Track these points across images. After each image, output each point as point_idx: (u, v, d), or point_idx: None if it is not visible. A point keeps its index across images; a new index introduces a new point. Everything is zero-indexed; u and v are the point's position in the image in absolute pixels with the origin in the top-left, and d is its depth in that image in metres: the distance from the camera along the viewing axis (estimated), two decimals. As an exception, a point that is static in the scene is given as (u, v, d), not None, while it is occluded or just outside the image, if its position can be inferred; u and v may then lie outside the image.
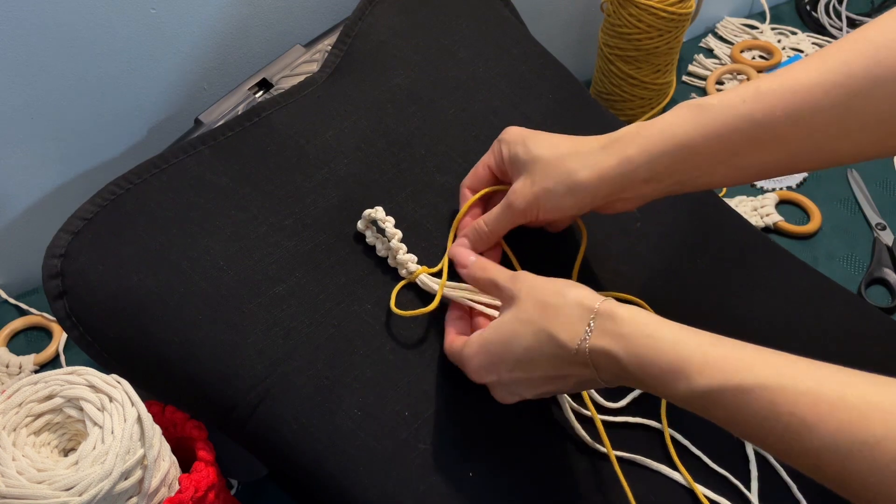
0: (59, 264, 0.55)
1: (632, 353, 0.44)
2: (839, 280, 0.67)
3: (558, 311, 0.47)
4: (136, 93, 0.73)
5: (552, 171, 0.53)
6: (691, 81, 0.99)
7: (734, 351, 0.42)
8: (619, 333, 0.45)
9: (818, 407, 0.37)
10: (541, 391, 0.50)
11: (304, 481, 0.53)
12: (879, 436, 0.35)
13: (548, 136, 0.55)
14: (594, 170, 0.51)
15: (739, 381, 0.40)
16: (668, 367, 0.42)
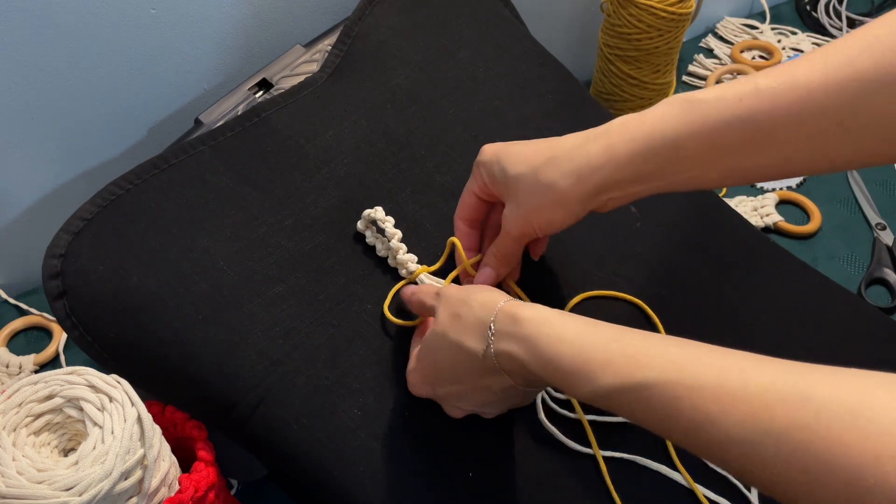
0: (59, 264, 0.55)
1: (534, 354, 0.43)
2: (839, 280, 0.67)
3: (465, 319, 0.46)
4: (136, 93, 0.73)
5: (533, 189, 0.50)
6: (691, 81, 0.99)
7: (636, 346, 0.40)
8: (520, 336, 0.44)
9: (721, 400, 0.36)
10: (481, 402, 0.49)
11: (304, 481, 0.54)
12: (782, 427, 0.34)
13: (519, 149, 0.52)
14: (573, 176, 0.48)
15: (641, 379, 0.39)
16: (571, 367, 0.41)
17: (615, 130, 0.47)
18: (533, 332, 0.43)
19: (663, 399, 0.38)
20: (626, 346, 0.41)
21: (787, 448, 0.34)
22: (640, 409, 0.39)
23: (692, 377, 0.37)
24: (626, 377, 0.39)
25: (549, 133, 0.69)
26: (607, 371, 0.40)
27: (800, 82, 0.43)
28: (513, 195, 0.51)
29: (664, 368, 0.38)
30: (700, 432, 0.37)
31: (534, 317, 0.44)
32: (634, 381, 0.39)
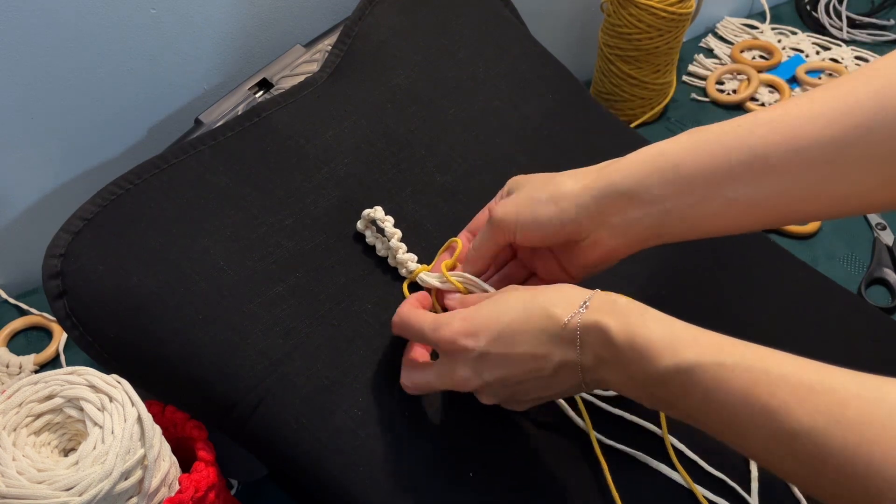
0: (59, 264, 0.55)
1: (623, 325, 0.43)
2: (839, 280, 0.67)
3: (554, 290, 0.47)
4: (136, 93, 0.73)
5: (538, 184, 0.51)
6: (691, 81, 0.99)
7: (720, 338, 0.42)
8: (614, 309, 0.44)
9: (797, 390, 0.37)
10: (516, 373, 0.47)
11: (304, 481, 0.54)
12: (854, 420, 0.35)
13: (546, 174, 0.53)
14: (579, 181, 0.49)
15: (723, 360, 0.40)
16: (658, 340, 0.42)
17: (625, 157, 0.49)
18: (628, 308, 0.44)
19: (740, 382, 0.39)
20: (709, 334, 0.42)
21: (855, 440, 0.35)
22: (714, 390, 0.40)
23: (772, 365, 0.39)
24: (709, 356, 0.40)
25: (549, 133, 0.69)
26: (691, 348, 0.41)
27: (798, 114, 0.44)
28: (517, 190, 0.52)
29: (744, 354, 0.40)
30: (770, 421, 0.37)
31: (629, 301, 0.45)
32: (717, 360, 0.40)
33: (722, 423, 0.40)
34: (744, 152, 0.45)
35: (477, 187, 0.64)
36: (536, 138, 0.68)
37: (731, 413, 0.39)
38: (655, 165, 0.47)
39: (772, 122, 0.44)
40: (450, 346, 0.48)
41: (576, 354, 0.45)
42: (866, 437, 0.35)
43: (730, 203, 0.46)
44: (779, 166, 0.44)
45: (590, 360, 0.45)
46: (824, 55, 1.02)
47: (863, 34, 1.04)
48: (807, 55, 1.02)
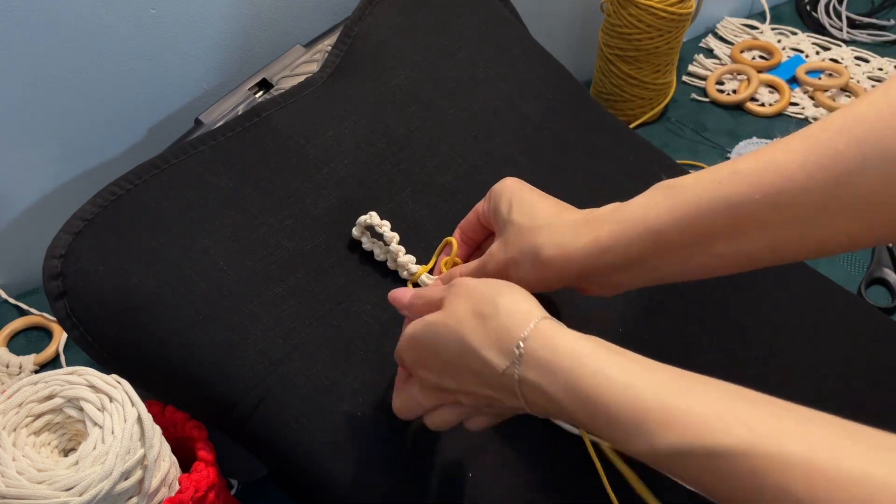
0: (59, 265, 0.55)
1: (574, 394, 0.39)
2: (839, 280, 0.67)
3: (488, 323, 0.42)
4: (136, 93, 0.73)
5: (521, 242, 0.49)
6: (691, 81, 0.99)
7: (702, 400, 0.37)
8: (556, 368, 0.40)
9: (811, 480, 0.32)
10: (472, 407, 0.45)
11: (304, 481, 0.54)
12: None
13: (533, 199, 0.51)
14: (561, 249, 0.47)
15: (712, 444, 0.35)
16: (624, 419, 0.37)
17: (605, 213, 0.47)
18: (573, 367, 0.39)
19: (740, 470, 0.34)
20: (690, 400, 0.36)
21: None
22: (707, 477, 0.35)
23: (775, 447, 0.34)
24: (694, 439, 0.35)
25: (549, 133, 0.69)
26: (670, 430, 0.36)
27: (778, 164, 0.41)
28: (505, 237, 0.51)
29: (740, 435, 0.34)
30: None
31: (575, 349, 0.40)
32: (703, 445, 0.35)
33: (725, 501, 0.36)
34: (728, 211, 0.43)
35: (477, 187, 0.64)
36: (536, 138, 0.68)
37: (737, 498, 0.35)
38: (637, 233, 0.45)
39: (751, 177, 0.42)
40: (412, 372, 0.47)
41: (521, 402, 0.42)
42: None
43: (717, 257, 0.45)
44: (762, 222, 0.42)
45: (540, 411, 0.42)
46: (824, 55, 1.02)
47: (863, 34, 1.04)
48: (807, 55, 1.02)
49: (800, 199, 0.41)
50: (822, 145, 0.40)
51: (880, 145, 0.39)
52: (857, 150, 0.39)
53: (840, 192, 0.40)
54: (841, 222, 0.41)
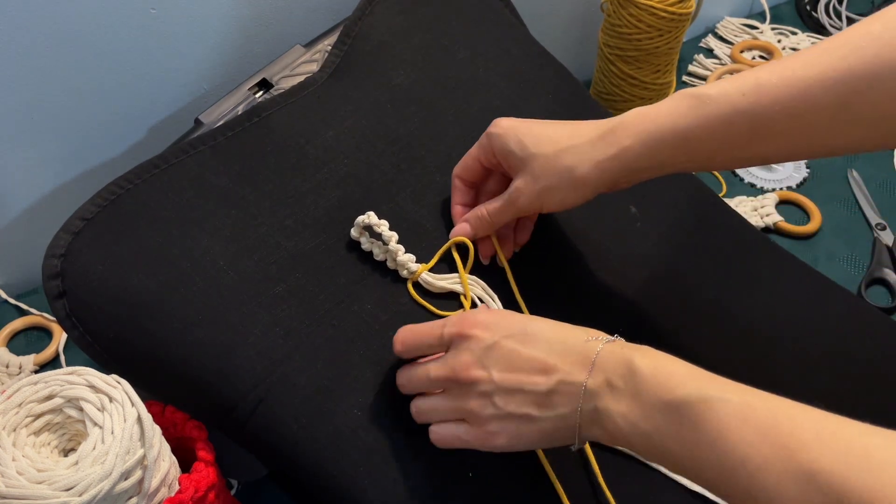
0: (59, 264, 0.55)
1: (649, 357, 0.43)
2: (839, 280, 0.67)
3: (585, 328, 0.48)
4: (136, 93, 0.73)
5: (552, 169, 0.53)
6: (691, 81, 0.99)
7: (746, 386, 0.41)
8: (639, 347, 0.45)
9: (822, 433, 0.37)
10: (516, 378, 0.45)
11: (303, 481, 0.53)
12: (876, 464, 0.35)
13: (541, 129, 0.55)
14: (593, 164, 0.52)
15: (748, 399, 0.40)
16: (683, 373, 0.42)
17: (630, 123, 0.51)
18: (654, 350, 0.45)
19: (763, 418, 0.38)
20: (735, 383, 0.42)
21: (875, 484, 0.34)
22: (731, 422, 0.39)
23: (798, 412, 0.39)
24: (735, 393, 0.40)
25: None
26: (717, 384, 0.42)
27: (798, 77, 0.46)
28: (529, 170, 0.54)
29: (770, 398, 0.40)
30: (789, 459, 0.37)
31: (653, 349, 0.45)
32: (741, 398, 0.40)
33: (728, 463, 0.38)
34: (750, 121, 0.47)
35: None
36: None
37: (744, 451, 0.38)
38: (664, 140, 0.50)
39: (773, 90, 0.47)
40: (466, 333, 0.48)
41: (584, 376, 0.44)
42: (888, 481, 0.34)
43: (737, 159, 0.50)
44: (782, 129, 0.47)
45: (597, 383, 0.44)
46: (824, 55, 1.02)
47: (863, 34, 1.04)
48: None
49: (815, 111, 0.46)
50: (837, 61, 0.45)
51: (891, 63, 0.44)
52: (870, 67, 0.44)
53: (852, 105, 0.45)
54: (850, 131, 0.46)
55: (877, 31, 0.45)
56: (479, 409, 0.47)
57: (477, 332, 0.48)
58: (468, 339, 0.48)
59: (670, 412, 0.41)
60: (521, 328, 0.47)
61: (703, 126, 0.48)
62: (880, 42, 0.44)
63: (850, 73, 0.45)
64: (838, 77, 0.45)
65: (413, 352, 0.52)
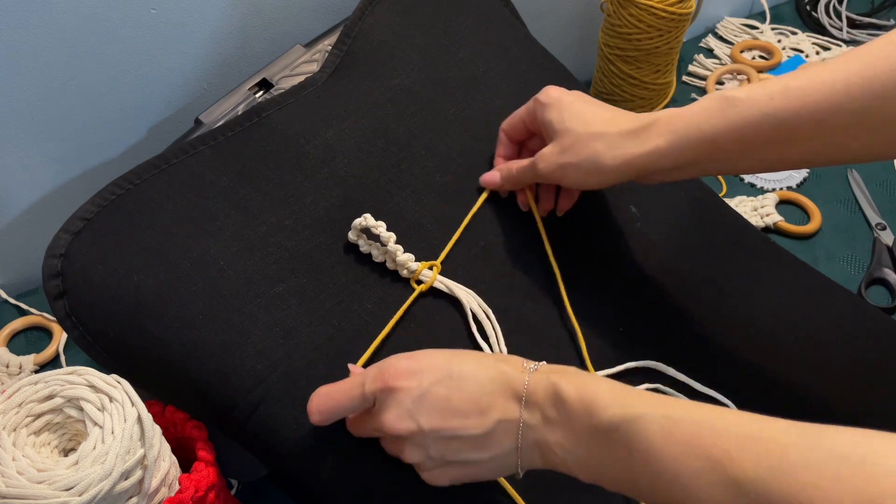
0: (59, 264, 0.55)
1: (573, 382, 0.43)
2: (839, 280, 0.67)
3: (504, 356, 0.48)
4: (137, 93, 0.73)
5: (580, 148, 0.55)
6: (691, 81, 0.99)
7: (667, 397, 0.42)
8: (564, 370, 0.45)
9: (740, 439, 0.37)
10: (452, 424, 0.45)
11: (304, 481, 0.53)
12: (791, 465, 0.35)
13: (583, 107, 0.57)
14: (620, 157, 0.53)
15: (670, 413, 0.40)
16: (607, 394, 0.42)
17: (663, 122, 0.52)
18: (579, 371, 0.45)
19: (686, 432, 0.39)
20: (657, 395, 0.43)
21: (795, 486, 0.35)
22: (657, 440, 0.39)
23: (717, 418, 0.39)
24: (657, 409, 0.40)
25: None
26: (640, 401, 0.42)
27: (825, 83, 0.47)
28: (559, 141, 0.56)
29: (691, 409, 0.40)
30: (714, 471, 0.37)
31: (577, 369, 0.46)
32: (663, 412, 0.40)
33: (664, 479, 0.39)
34: (777, 125, 0.48)
35: (477, 187, 0.64)
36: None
37: (674, 466, 0.38)
38: (692, 141, 0.51)
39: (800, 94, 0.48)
40: (391, 385, 0.46)
41: (519, 411, 0.44)
42: (805, 481, 0.34)
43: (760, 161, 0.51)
44: (806, 133, 0.48)
45: (534, 418, 0.44)
46: (824, 55, 1.02)
47: (863, 34, 1.04)
48: (807, 55, 1.02)
49: (840, 116, 0.47)
50: (862, 68, 0.47)
51: None
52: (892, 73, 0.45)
53: (875, 110, 0.46)
54: (873, 137, 0.47)
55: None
56: (415, 460, 0.47)
57: (402, 384, 0.46)
58: (394, 391, 0.46)
59: (600, 437, 0.41)
60: (446, 371, 0.45)
61: (730, 128, 0.50)
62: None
63: (875, 80, 0.46)
64: (863, 83, 0.46)
65: (334, 418, 0.49)
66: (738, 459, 0.36)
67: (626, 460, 0.40)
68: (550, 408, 0.43)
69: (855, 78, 0.47)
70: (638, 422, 0.40)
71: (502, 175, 0.62)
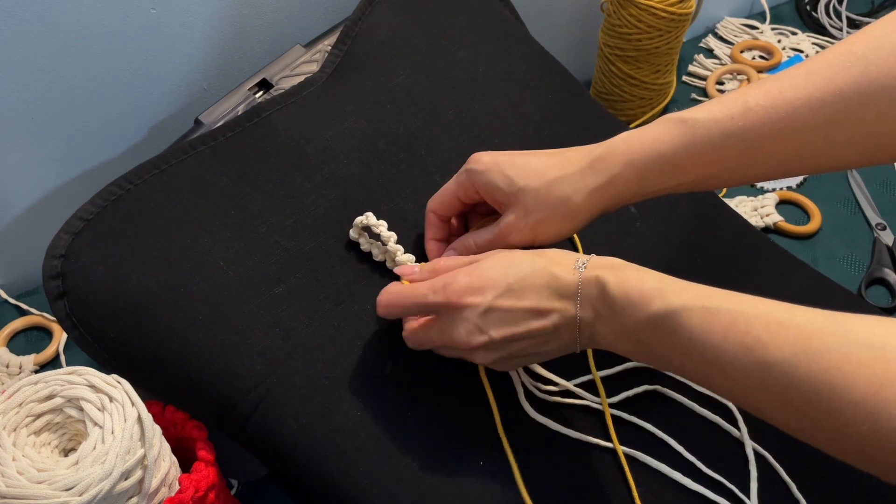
0: (59, 265, 0.55)
1: (619, 277, 0.46)
2: (839, 280, 0.67)
3: (554, 252, 0.50)
4: (136, 93, 0.73)
5: (545, 202, 0.52)
6: (691, 81, 0.99)
7: (708, 287, 0.45)
8: (611, 265, 0.48)
9: (770, 326, 0.40)
10: (520, 329, 0.48)
11: (303, 481, 0.54)
12: (817, 348, 0.38)
13: (525, 160, 0.54)
14: (587, 193, 0.52)
15: (707, 304, 0.43)
16: (650, 289, 0.45)
17: (618, 150, 0.51)
18: (622, 265, 0.48)
19: (722, 322, 0.42)
20: (698, 285, 0.45)
21: (818, 367, 0.38)
22: (698, 332, 0.42)
23: (750, 307, 0.42)
24: (695, 301, 0.43)
25: (549, 133, 0.69)
26: (680, 294, 0.44)
27: (787, 100, 0.46)
28: (520, 206, 0.53)
29: (727, 299, 0.43)
30: (746, 356, 0.40)
31: (624, 262, 0.48)
32: (701, 304, 0.43)
33: (705, 363, 0.42)
34: (740, 144, 0.48)
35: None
36: (536, 138, 0.68)
37: (713, 352, 0.42)
38: (654, 166, 0.50)
39: (762, 114, 0.47)
40: (456, 303, 0.49)
41: (575, 309, 0.47)
42: (828, 364, 0.37)
43: (726, 180, 0.51)
44: (771, 150, 0.48)
45: (588, 314, 0.47)
46: (824, 55, 1.02)
47: (863, 34, 1.04)
48: (807, 55, 1.02)
49: (804, 132, 0.46)
50: (824, 82, 0.46)
51: (877, 84, 0.45)
52: (855, 88, 0.45)
53: (840, 125, 0.46)
54: (839, 150, 0.47)
55: (861, 51, 0.46)
56: (487, 361, 0.51)
57: (469, 300, 0.49)
58: (460, 308, 0.49)
59: (646, 329, 0.45)
60: (505, 285, 0.48)
61: (691, 151, 0.49)
62: (865, 62, 0.45)
63: (837, 94, 0.45)
64: (826, 98, 0.45)
65: (397, 315, 0.54)
66: (769, 344, 0.39)
67: (671, 349, 0.44)
68: (601, 303, 0.47)
69: (817, 93, 0.46)
70: (679, 314, 0.43)
71: (460, 254, 0.57)
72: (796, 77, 0.47)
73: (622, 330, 0.46)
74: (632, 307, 0.45)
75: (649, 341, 0.45)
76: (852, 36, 0.47)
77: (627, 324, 0.46)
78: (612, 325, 0.47)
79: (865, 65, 0.45)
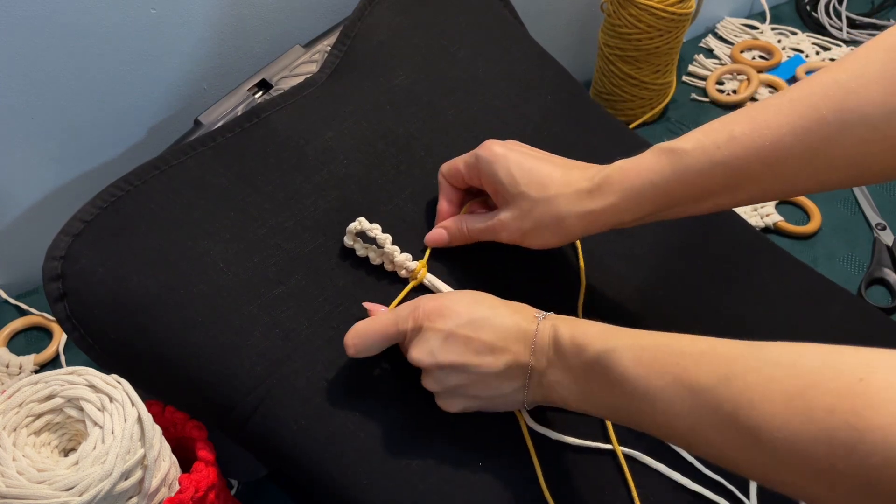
0: (59, 266, 0.55)
1: (569, 326, 0.49)
2: (839, 280, 0.67)
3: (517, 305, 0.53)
4: (136, 93, 0.73)
5: (540, 213, 0.55)
6: (691, 81, 0.99)
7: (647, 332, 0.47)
8: (565, 319, 0.51)
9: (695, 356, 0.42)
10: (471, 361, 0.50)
11: (303, 482, 0.54)
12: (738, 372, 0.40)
13: (532, 165, 0.55)
14: (581, 215, 0.54)
15: (639, 342, 0.45)
16: (593, 334, 0.48)
17: (615, 179, 0.53)
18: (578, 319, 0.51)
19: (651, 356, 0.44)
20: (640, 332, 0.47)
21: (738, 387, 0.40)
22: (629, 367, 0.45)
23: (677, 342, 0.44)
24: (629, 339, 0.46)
25: (549, 133, 0.69)
26: (617, 337, 0.47)
27: (771, 128, 0.48)
28: (517, 207, 0.56)
29: (658, 338, 0.45)
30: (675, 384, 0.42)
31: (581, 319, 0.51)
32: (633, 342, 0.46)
33: (637, 399, 0.44)
34: (726, 172, 0.49)
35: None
36: (536, 138, 0.68)
37: (645, 385, 0.44)
38: (646, 196, 0.52)
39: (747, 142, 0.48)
40: (419, 324, 0.51)
41: (528, 356, 0.50)
42: (746, 384, 0.39)
43: (715, 205, 0.52)
44: (756, 179, 0.49)
45: (540, 362, 0.50)
46: (824, 55, 1.02)
47: (863, 34, 1.04)
48: (807, 55, 1.02)
49: (788, 159, 0.48)
50: (807, 110, 0.47)
51: (858, 111, 0.46)
52: (838, 115, 0.46)
53: (823, 152, 0.47)
54: (822, 175, 0.49)
55: (843, 79, 0.47)
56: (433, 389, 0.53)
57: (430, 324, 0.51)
58: (423, 330, 0.51)
59: (587, 371, 0.47)
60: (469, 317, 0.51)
61: (681, 180, 0.51)
62: (846, 90, 0.46)
63: (820, 122, 0.47)
64: (809, 126, 0.47)
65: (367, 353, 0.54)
66: (695, 373, 0.42)
67: (607, 387, 0.46)
68: (551, 351, 0.49)
69: (801, 121, 0.47)
70: (614, 353, 0.46)
71: (451, 234, 0.60)
72: (780, 105, 0.48)
73: (568, 375, 0.49)
74: (576, 349, 0.48)
75: (589, 384, 0.48)
76: (835, 64, 0.48)
77: (573, 367, 0.48)
78: (560, 371, 0.49)
79: (846, 92, 0.46)
